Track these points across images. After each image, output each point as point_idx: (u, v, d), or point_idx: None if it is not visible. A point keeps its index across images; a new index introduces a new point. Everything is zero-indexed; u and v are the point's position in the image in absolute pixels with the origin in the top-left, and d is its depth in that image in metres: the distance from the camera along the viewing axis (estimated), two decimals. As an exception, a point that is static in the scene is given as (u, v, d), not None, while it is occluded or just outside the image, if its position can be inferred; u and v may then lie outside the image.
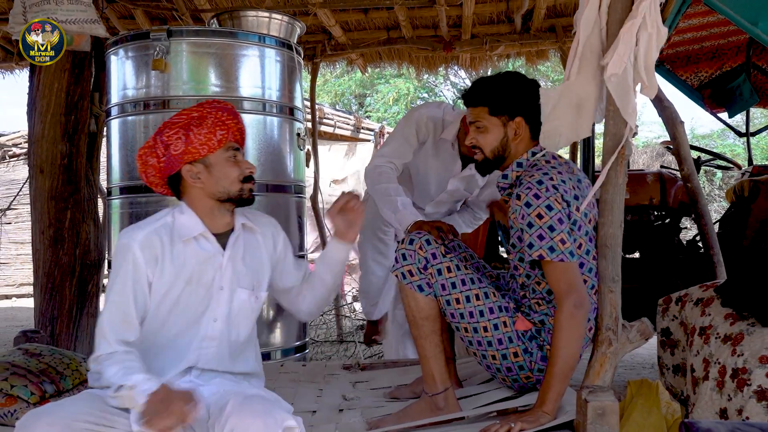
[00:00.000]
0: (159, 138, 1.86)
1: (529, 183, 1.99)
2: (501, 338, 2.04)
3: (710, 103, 3.83)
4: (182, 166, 1.86)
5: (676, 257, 3.73)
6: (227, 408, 1.64)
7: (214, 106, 1.90)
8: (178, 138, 1.84)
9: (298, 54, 3.29)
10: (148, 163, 1.89)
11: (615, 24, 1.84)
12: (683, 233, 4.03)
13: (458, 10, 4.75)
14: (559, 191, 1.96)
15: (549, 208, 1.93)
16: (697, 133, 13.77)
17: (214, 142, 1.85)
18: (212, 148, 1.86)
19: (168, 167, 1.87)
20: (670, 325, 2.37)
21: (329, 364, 2.98)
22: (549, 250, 1.92)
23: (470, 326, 2.06)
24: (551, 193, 1.95)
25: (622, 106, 1.81)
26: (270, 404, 1.66)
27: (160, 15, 4.79)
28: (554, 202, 1.94)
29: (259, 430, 1.55)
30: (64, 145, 3.57)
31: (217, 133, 1.86)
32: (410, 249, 2.09)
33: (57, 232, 3.55)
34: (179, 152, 1.84)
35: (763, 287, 1.97)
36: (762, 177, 3.42)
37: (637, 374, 4.04)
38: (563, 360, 1.88)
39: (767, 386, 1.79)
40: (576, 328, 1.88)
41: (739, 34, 3.63)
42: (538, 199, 1.94)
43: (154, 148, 1.87)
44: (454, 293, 2.05)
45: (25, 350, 2.53)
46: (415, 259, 2.07)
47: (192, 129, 1.84)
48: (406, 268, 2.08)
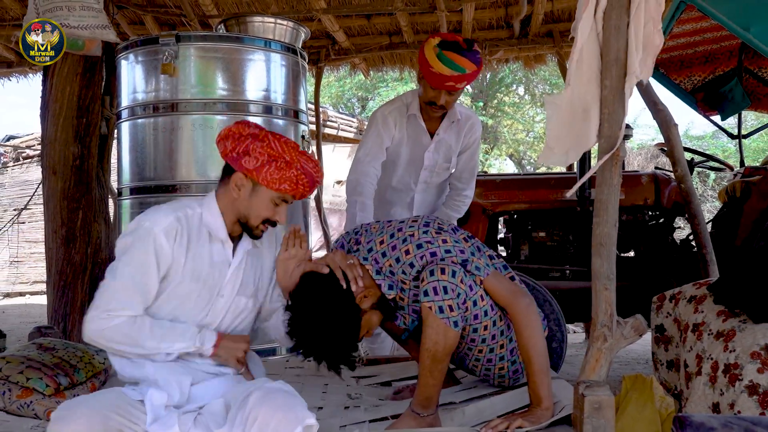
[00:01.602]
0: (249, 141, 1.82)
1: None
2: (495, 334, 2.07)
3: (703, 106, 3.83)
4: (239, 171, 1.85)
5: (669, 256, 3.72)
6: (250, 400, 1.64)
7: (306, 165, 1.86)
8: (257, 158, 1.81)
9: (303, 58, 3.29)
10: (225, 140, 1.86)
11: (611, 30, 1.84)
12: (677, 233, 4.02)
13: (458, 16, 4.76)
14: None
15: (419, 246, 2.05)
16: (691, 135, 13.75)
17: (275, 186, 1.83)
18: (270, 187, 1.84)
19: (232, 161, 1.85)
20: (664, 321, 2.37)
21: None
22: (476, 269, 2.00)
23: (486, 348, 2.07)
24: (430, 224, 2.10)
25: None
26: (291, 399, 1.65)
27: (169, 21, 4.81)
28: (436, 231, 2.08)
29: (280, 424, 1.56)
30: (76, 146, 3.57)
31: (285, 185, 1.84)
32: (452, 282, 1.93)
33: (69, 231, 3.56)
34: (247, 166, 1.82)
35: (754, 285, 1.96)
36: (753, 178, 3.42)
37: (631, 369, 4.04)
38: (539, 354, 1.93)
39: (758, 381, 1.79)
40: (535, 319, 1.96)
41: (732, 39, 3.62)
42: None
43: (238, 142, 1.83)
44: (485, 321, 2.02)
45: (39, 345, 2.54)
46: (456, 293, 1.93)
47: (273, 164, 1.81)
48: (446, 303, 1.92)
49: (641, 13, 1.79)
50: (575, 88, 1.90)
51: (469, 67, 2.66)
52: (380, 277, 2.06)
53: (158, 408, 1.71)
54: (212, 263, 1.87)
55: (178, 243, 1.81)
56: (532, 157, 15.05)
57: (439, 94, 2.73)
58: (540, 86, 14.44)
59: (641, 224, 3.78)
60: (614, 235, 1.88)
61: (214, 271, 1.88)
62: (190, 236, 1.84)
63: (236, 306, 1.92)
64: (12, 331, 5.55)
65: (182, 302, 1.85)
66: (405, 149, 2.97)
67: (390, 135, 2.92)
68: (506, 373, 2.14)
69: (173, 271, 1.81)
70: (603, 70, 1.87)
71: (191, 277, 1.84)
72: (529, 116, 14.84)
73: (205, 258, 1.86)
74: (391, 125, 2.92)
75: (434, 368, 1.96)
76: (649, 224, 3.82)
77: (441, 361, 1.96)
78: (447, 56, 2.63)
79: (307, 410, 1.62)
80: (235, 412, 1.67)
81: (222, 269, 1.89)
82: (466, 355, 2.12)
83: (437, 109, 2.81)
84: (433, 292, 1.92)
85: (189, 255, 1.83)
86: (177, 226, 1.81)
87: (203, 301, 1.87)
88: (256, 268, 1.97)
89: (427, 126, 2.94)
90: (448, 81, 2.66)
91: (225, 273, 1.89)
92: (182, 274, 1.83)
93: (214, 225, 1.87)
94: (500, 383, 2.17)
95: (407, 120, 2.93)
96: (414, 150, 2.98)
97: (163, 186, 2.98)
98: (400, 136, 2.94)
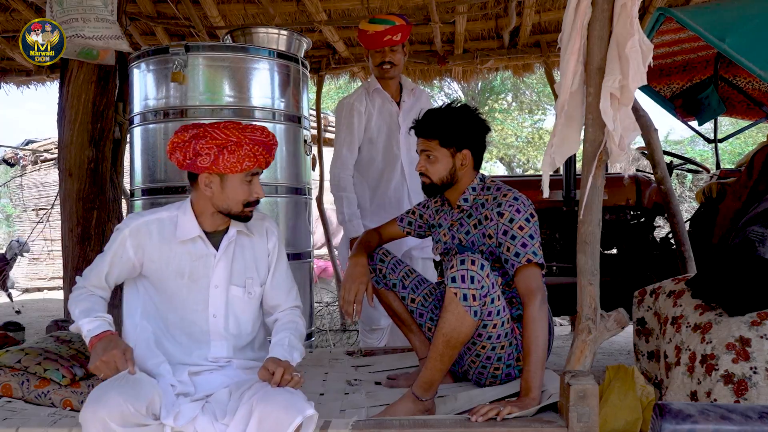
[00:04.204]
0: (194, 143, 1.79)
1: (509, 200, 2.10)
2: (500, 334, 2.05)
3: (682, 112, 3.83)
4: (201, 172, 1.83)
5: (650, 253, 3.73)
6: (252, 394, 1.64)
7: (253, 137, 1.82)
8: (209, 154, 1.78)
9: (305, 67, 3.29)
10: (174, 154, 1.83)
11: (594, 40, 1.84)
12: (657, 231, 4.03)
13: (451, 27, 4.77)
14: (532, 206, 2.11)
15: (527, 220, 2.07)
16: (670, 139, 13.77)
17: (238, 168, 1.80)
18: (234, 172, 1.81)
19: (189, 167, 1.83)
20: (645, 315, 2.37)
21: (334, 351, 2.98)
22: (533, 254, 2.04)
23: (489, 345, 2.06)
24: (527, 207, 2.09)
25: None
26: (291, 394, 1.64)
27: (179, 32, 4.80)
28: (530, 215, 2.08)
29: (281, 417, 1.56)
30: (90, 150, 3.57)
31: (245, 163, 1.81)
32: (480, 274, 1.91)
33: (84, 230, 3.55)
34: (204, 165, 1.80)
35: (729, 281, 1.97)
36: (729, 180, 3.42)
37: (614, 360, 4.04)
38: (540, 348, 1.92)
39: (733, 371, 1.79)
40: (544, 319, 1.96)
41: (708, 50, 3.63)
42: (519, 213, 2.07)
43: (185, 149, 1.80)
44: (495, 320, 2.01)
45: (56, 337, 2.53)
46: (480, 285, 1.91)
47: (224, 152, 1.78)
48: (471, 292, 1.90)
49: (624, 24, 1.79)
50: (562, 95, 1.90)
51: (396, 20, 3.01)
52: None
53: (169, 395, 1.71)
54: (194, 258, 1.88)
55: (147, 242, 1.87)
56: (521, 160, 15.06)
57: (384, 52, 3.05)
58: (528, 93, 14.45)
59: (623, 223, 3.78)
60: (598, 233, 1.89)
61: (198, 265, 1.88)
62: (162, 237, 1.88)
63: (232, 296, 1.91)
64: (30, 324, 5.54)
65: (175, 296, 1.88)
66: (378, 122, 3.14)
67: (360, 117, 3.10)
68: (499, 374, 2.12)
69: (148, 266, 1.88)
70: (587, 78, 1.87)
71: (176, 274, 1.87)
72: (518, 122, 14.86)
73: (184, 255, 1.87)
74: (356, 107, 3.10)
75: (445, 353, 1.94)
76: (631, 223, 3.82)
77: (454, 348, 1.94)
78: (375, 18, 3.06)
79: (306, 402, 1.62)
80: (236, 403, 1.67)
81: (207, 262, 1.89)
82: (468, 349, 2.10)
83: (389, 68, 3.08)
84: (460, 280, 1.90)
85: (164, 253, 1.87)
86: (144, 228, 1.88)
87: (196, 293, 1.88)
88: (247, 259, 1.95)
89: (391, 95, 3.15)
90: (384, 36, 2.99)
91: (210, 265, 1.89)
92: (162, 271, 1.87)
93: (187, 225, 1.88)
94: (491, 383, 2.15)
95: (370, 97, 3.14)
96: (388, 121, 3.14)
97: (173, 187, 2.97)
98: (368, 114, 3.12)
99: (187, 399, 1.75)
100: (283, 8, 4.57)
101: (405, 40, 3.11)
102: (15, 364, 2.21)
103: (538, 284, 2.01)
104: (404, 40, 3.09)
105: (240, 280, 1.93)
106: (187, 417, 1.66)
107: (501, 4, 4.47)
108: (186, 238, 1.87)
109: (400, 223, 2.44)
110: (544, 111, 14.61)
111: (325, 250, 6.24)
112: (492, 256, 2.13)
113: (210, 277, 1.88)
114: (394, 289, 2.35)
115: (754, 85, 3.83)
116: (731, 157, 11.61)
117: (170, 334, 1.89)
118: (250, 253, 1.96)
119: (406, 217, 2.44)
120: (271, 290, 1.99)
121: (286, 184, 3.11)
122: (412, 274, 2.37)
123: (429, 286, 2.37)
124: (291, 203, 3.14)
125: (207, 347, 1.89)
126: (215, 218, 1.90)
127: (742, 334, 1.84)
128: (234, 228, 1.93)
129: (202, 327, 1.89)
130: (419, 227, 2.42)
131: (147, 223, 1.88)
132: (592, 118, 1.86)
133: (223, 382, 1.84)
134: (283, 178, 3.10)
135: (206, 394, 1.80)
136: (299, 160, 3.20)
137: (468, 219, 2.21)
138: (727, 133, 4.93)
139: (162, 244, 1.87)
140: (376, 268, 2.35)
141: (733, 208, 2.90)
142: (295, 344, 1.85)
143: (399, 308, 2.37)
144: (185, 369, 1.85)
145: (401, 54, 3.12)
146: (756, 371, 1.77)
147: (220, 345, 1.90)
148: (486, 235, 2.13)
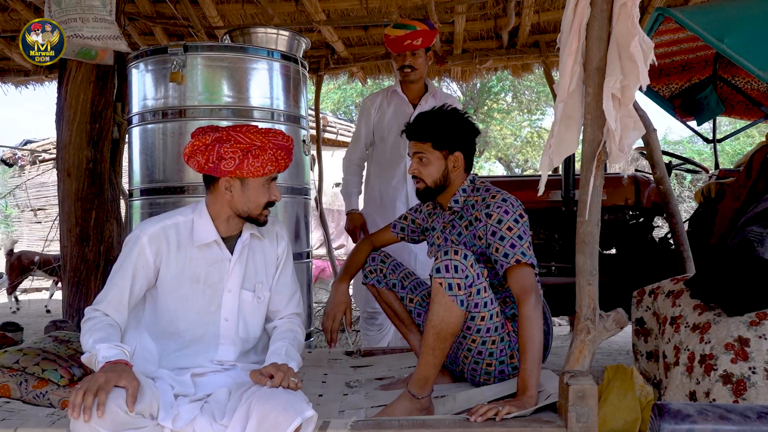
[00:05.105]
0: (217, 146, 1.78)
1: (497, 202, 2.11)
2: (490, 327, 2.05)
3: (680, 112, 3.83)
4: (224, 176, 1.82)
5: (649, 253, 3.73)
6: (251, 395, 1.63)
7: (276, 142, 1.83)
8: (233, 158, 1.78)
9: (304, 67, 3.28)
10: (194, 157, 1.81)
11: (593, 40, 1.84)
12: (656, 231, 4.03)
13: (450, 27, 4.77)
14: (522, 206, 2.13)
15: (516, 221, 2.08)
16: (669, 139, 13.78)
17: (260, 172, 1.82)
18: (257, 176, 1.82)
19: (211, 171, 1.82)
20: (643, 315, 2.37)
21: (332, 351, 2.97)
22: (522, 255, 2.04)
23: (480, 339, 2.06)
24: (516, 208, 2.10)
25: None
26: (291, 394, 1.64)
27: (178, 32, 4.80)
28: (519, 215, 2.09)
29: (280, 417, 1.55)
30: (89, 150, 3.56)
31: (268, 167, 1.82)
32: (463, 264, 1.93)
33: (83, 230, 3.55)
34: (228, 169, 1.79)
35: (728, 281, 1.97)
36: (727, 180, 3.42)
37: (613, 360, 4.04)
38: (536, 347, 1.92)
39: (732, 371, 1.79)
40: (539, 317, 1.96)
41: (707, 50, 3.63)
42: (507, 214, 2.08)
43: (208, 152, 1.79)
44: (483, 312, 2.01)
45: (55, 337, 2.53)
46: (464, 275, 1.93)
47: (249, 156, 1.79)
48: (455, 281, 1.92)
49: (625, 24, 1.79)
50: (560, 95, 1.90)
51: (419, 25, 3.13)
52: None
53: (167, 396, 1.71)
54: (209, 263, 1.87)
55: (165, 249, 1.83)
56: (519, 160, 15.07)
57: (404, 56, 3.18)
58: (527, 93, 14.46)
59: (622, 223, 3.78)
60: (597, 233, 1.89)
61: (213, 270, 1.87)
62: (179, 242, 1.85)
63: (243, 300, 1.91)
64: (29, 324, 5.54)
65: (187, 301, 1.85)
66: (391, 122, 3.27)
67: (368, 115, 3.33)
68: (492, 371, 2.12)
69: (163, 273, 1.83)
70: (586, 78, 1.87)
71: (191, 279, 1.85)
72: (517, 122, 14.86)
73: (200, 260, 1.86)
74: (370, 107, 3.34)
75: (437, 347, 1.95)
76: (630, 223, 3.82)
77: (444, 340, 1.94)
78: (399, 23, 3.21)
79: (306, 403, 1.61)
80: (235, 404, 1.67)
81: (222, 266, 1.88)
82: (460, 343, 2.11)
83: (410, 72, 3.20)
84: (444, 270, 1.92)
85: (180, 259, 1.84)
86: (162, 233, 1.84)
87: (209, 298, 1.87)
88: (257, 264, 1.96)
89: (408, 98, 3.29)
90: (405, 40, 3.12)
91: (226, 269, 1.88)
92: (178, 277, 1.84)
93: (204, 229, 1.87)
94: (485, 381, 2.15)
95: (388, 98, 3.32)
96: (400, 122, 3.18)
97: (171, 188, 2.97)
98: (381, 113, 3.31)
99: (186, 399, 1.75)
100: (281, 8, 4.57)
101: (428, 45, 3.19)
102: (13, 365, 2.21)
103: (531, 283, 2.01)
104: (426, 45, 3.19)
105: (251, 284, 1.93)
106: (186, 419, 1.65)
107: (500, 4, 4.47)
108: (203, 242, 1.86)
109: (393, 229, 2.49)
110: (543, 111, 14.62)
111: (324, 251, 6.24)
112: (483, 257, 2.13)
113: (225, 281, 1.88)
114: (393, 289, 2.38)
115: (753, 86, 3.83)
116: (730, 157, 11.63)
117: (174, 342, 1.88)
118: (260, 257, 1.97)
119: (399, 223, 2.48)
120: (273, 295, 1.99)
121: (285, 184, 3.11)
122: (412, 276, 2.42)
123: (427, 288, 2.38)
124: (290, 203, 3.14)
125: (215, 350, 1.89)
126: (230, 222, 1.89)
127: (740, 334, 1.84)
128: (247, 231, 1.93)
129: (213, 331, 1.89)
130: (412, 232, 2.46)
131: (164, 229, 1.85)
132: (591, 118, 1.86)
133: (226, 383, 1.84)
134: (281, 178, 3.08)
135: (206, 394, 1.79)
136: (298, 160, 3.19)
137: (459, 221, 2.23)
138: (726, 133, 4.94)
139: (179, 250, 1.85)
140: (376, 268, 2.40)
141: (731, 208, 2.90)
142: (293, 354, 1.84)
143: (398, 308, 2.40)
144: (188, 372, 1.84)
145: (423, 58, 3.21)
146: (755, 371, 1.77)
147: (227, 348, 1.90)
148: (476, 236, 2.15)
